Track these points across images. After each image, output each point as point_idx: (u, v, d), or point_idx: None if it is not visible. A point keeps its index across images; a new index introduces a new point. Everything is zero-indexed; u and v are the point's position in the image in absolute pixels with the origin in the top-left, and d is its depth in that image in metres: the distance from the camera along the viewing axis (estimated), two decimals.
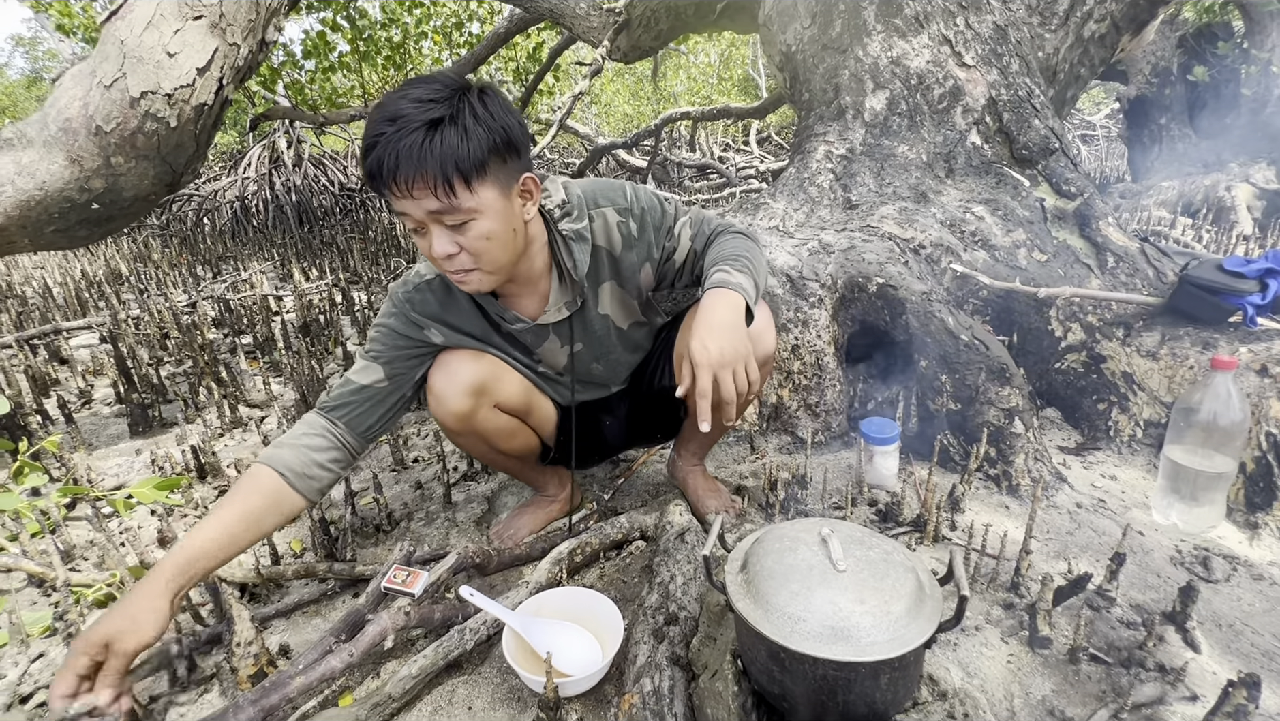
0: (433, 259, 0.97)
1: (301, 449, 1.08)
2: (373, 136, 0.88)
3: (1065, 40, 2.33)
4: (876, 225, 1.91)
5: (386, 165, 0.87)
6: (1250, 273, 1.54)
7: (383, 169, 0.87)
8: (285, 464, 1.06)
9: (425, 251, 0.97)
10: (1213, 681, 0.98)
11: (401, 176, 0.87)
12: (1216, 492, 1.32)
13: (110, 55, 1.66)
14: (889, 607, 0.78)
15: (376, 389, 1.15)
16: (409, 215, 0.93)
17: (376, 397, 1.15)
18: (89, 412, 2.34)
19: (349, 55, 5.31)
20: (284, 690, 0.98)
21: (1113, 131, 8.54)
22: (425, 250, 0.97)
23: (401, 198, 0.90)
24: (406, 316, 1.15)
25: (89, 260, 5.10)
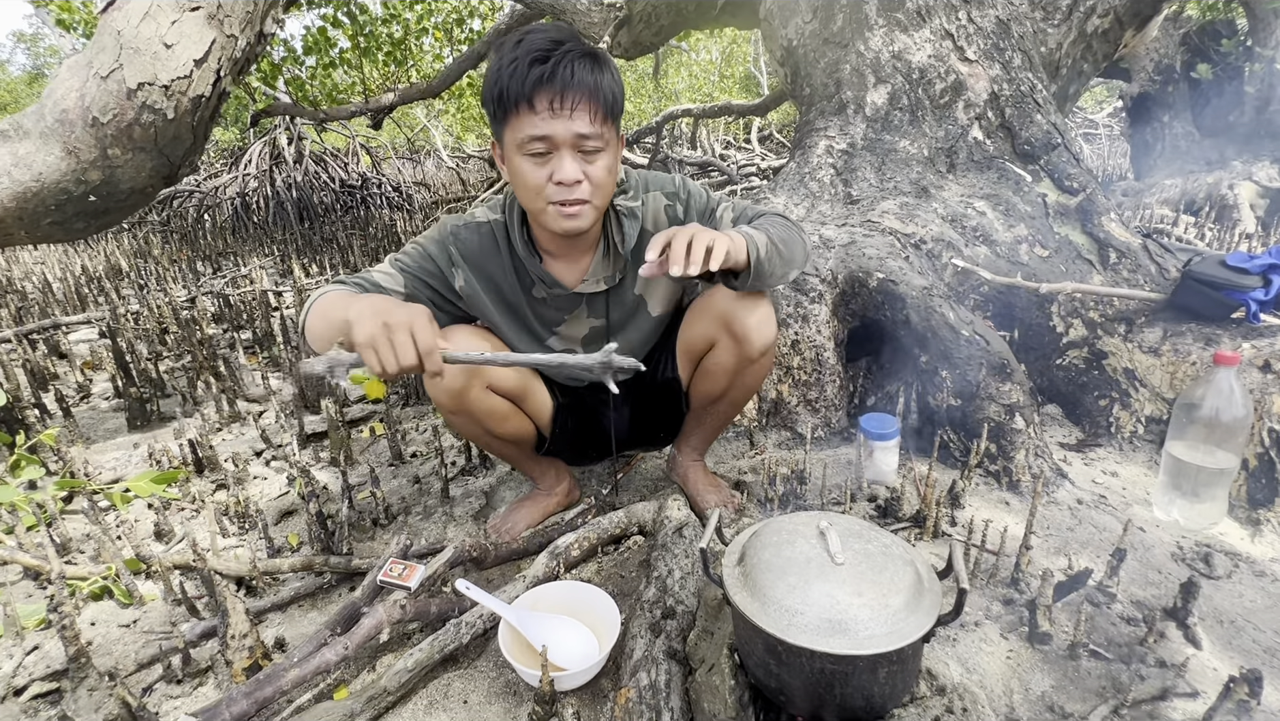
0: (556, 183, 0.99)
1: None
2: (541, 51, 0.93)
3: (1068, 35, 2.31)
4: (877, 220, 1.90)
5: (561, 77, 0.92)
6: (1254, 268, 1.53)
7: (556, 79, 0.92)
8: None
9: (535, 180, 0.99)
10: (1214, 677, 0.97)
11: (572, 93, 0.93)
12: (1218, 489, 1.31)
13: (107, 46, 1.65)
14: (887, 601, 0.77)
15: (392, 295, 1.11)
16: (551, 135, 0.96)
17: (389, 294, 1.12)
18: (87, 407, 2.34)
19: (350, 51, 5.29)
20: (278, 682, 0.98)
21: (1115, 129, 8.52)
22: (536, 179, 0.99)
23: (555, 115, 0.94)
24: (445, 246, 1.15)
25: (89, 255, 5.10)
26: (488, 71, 1.00)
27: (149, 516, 1.61)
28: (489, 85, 0.99)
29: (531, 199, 1.04)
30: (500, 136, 1.03)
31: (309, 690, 1.05)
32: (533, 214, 1.09)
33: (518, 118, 0.97)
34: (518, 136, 0.99)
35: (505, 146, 1.03)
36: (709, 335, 1.25)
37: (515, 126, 0.98)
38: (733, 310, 1.21)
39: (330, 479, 1.74)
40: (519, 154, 1.00)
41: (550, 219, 1.05)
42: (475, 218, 1.18)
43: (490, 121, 1.04)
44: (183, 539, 1.52)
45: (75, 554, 1.47)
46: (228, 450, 1.94)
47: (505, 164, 1.06)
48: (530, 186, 1.02)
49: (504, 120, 0.99)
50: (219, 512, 1.56)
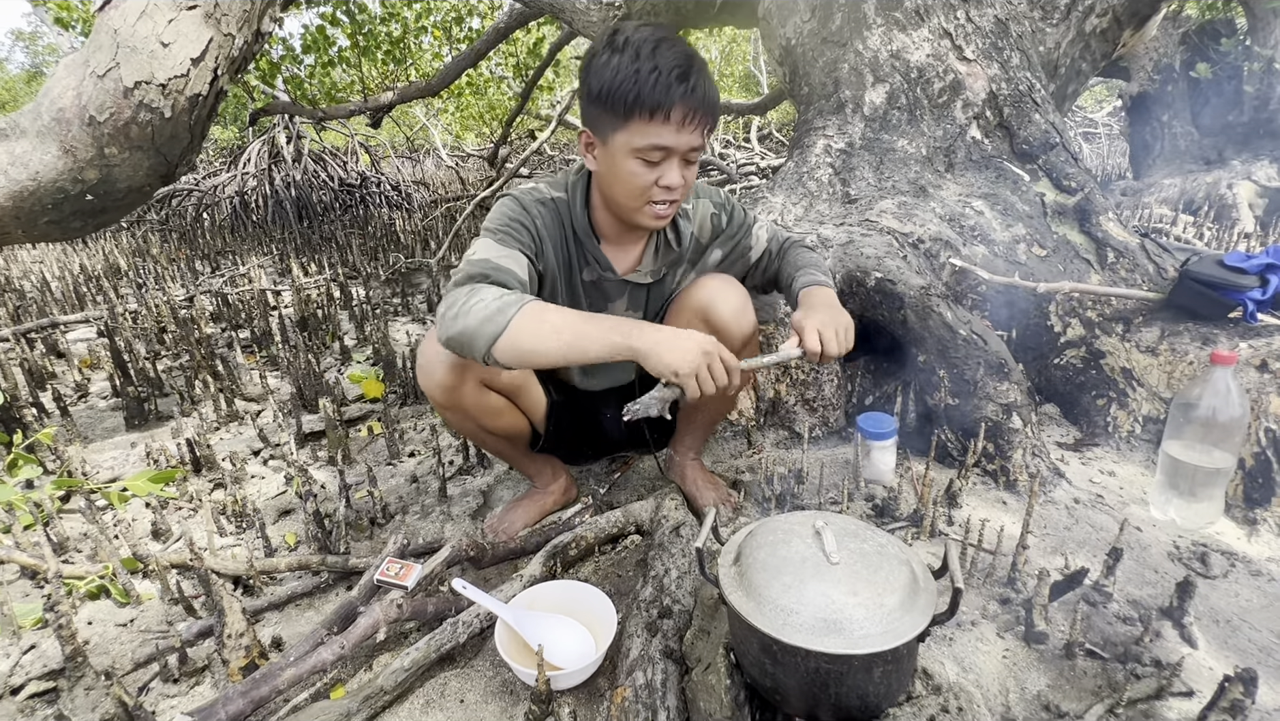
0: (663, 188, 1.04)
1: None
2: (682, 66, 0.96)
3: (1066, 35, 2.31)
4: (875, 219, 1.90)
5: (698, 95, 0.98)
6: (1251, 268, 1.53)
7: (694, 97, 0.98)
8: None
9: (640, 182, 1.03)
10: (1209, 677, 0.97)
11: (702, 111, 1.00)
12: (1215, 488, 1.31)
13: (104, 45, 1.65)
14: (882, 600, 0.77)
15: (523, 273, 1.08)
16: (670, 146, 1.00)
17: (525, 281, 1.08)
18: (85, 406, 2.34)
19: (348, 50, 5.28)
20: (274, 681, 0.98)
21: (1115, 129, 8.52)
22: (642, 181, 1.03)
23: (682, 129, 0.99)
24: (533, 219, 1.13)
25: (87, 254, 5.09)
26: (604, 68, 0.98)
27: (146, 515, 1.61)
28: (612, 84, 0.97)
29: (632, 197, 1.06)
30: (608, 132, 1.02)
31: (305, 689, 1.05)
32: (622, 207, 1.10)
33: (646, 125, 0.99)
34: (639, 142, 1.00)
35: (613, 144, 1.02)
36: (689, 328, 1.25)
37: (640, 132, 0.99)
38: (710, 301, 1.22)
39: (328, 478, 1.74)
40: (631, 156, 1.02)
41: (644, 216, 1.09)
42: (542, 192, 1.16)
43: (594, 112, 1.02)
44: (180, 538, 1.52)
45: (72, 553, 1.47)
46: (225, 449, 1.94)
47: (599, 156, 1.07)
48: (636, 187, 1.05)
49: (624, 122, 0.99)
50: (216, 512, 1.56)
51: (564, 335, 0.94)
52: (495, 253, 1.06)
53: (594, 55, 1.01)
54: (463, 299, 0.98)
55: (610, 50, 0.99)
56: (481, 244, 1.09)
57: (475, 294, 0.98)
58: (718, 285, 1.23)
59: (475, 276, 1.02)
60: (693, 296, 1.24)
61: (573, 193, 1.17)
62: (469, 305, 0.96)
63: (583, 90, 1.04)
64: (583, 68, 1.04)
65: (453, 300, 0.99)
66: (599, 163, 1.08)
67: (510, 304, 0.95)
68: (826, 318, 1.06)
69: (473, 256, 1.06)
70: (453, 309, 0.98)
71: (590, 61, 1.02)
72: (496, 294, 0.98)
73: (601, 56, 1.00)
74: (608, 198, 1.12)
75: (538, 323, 0.94)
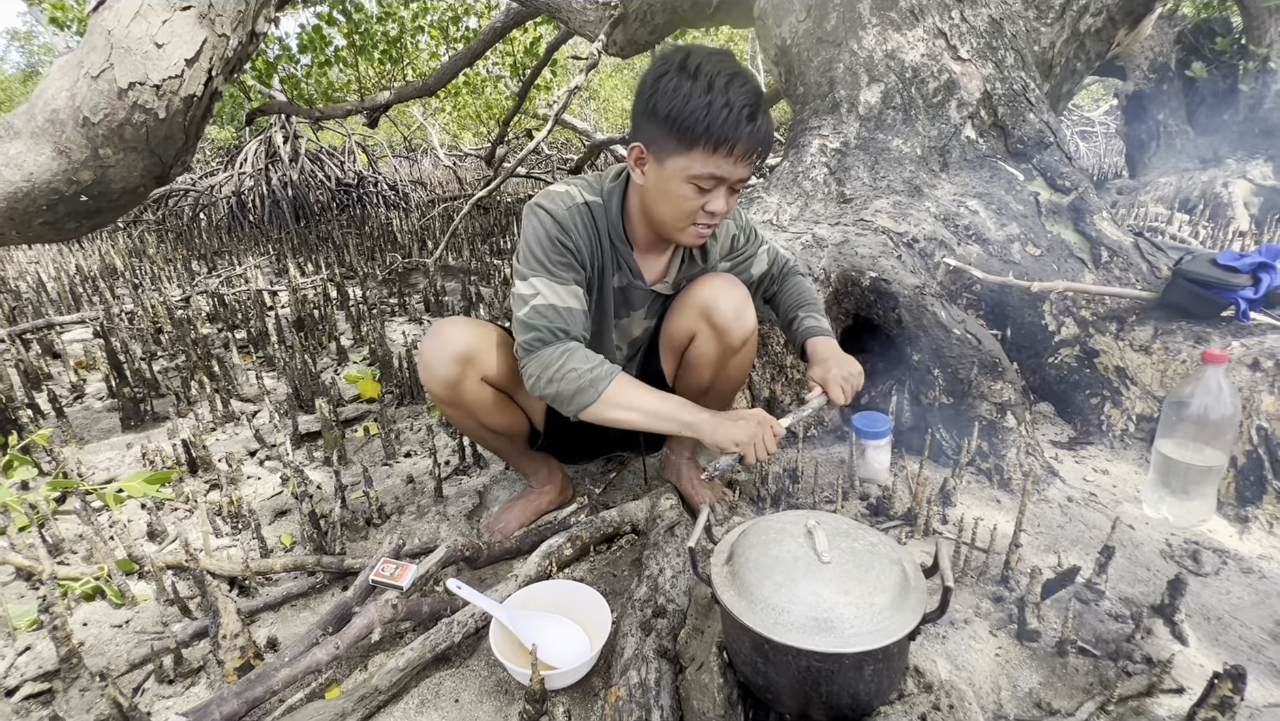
0: (709, 213, 1.08)
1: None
2: (751, 104, 0.99)
3: (1061, 34, 2.32)
4: (870, 219, 1.91)
5: (762, 134, 1.02)
6: (1243, 267, 1.54)
7: (758, 135, 1.01)
8: None
9: (690, 206, 1.07)
10: (1199, 674, 0.98)
11: (763, 148, 1.04)
12: (1207, 486, 1.32)
13: (97, 46, 1.65)
14: (873, 599, 0.77)
15: (582, 306, 1.14)
16: (725, 176, 1.03)
17: (585, 312, 1.16)
18: (80, 407, 2.33)
19: (345, 50, 5.28)
20: (269, 682, 0.98)
21: (1111, 128, 8.53)
22: (691, 205, 1.07)
23: (738, 161, 1.02)
24: (569, 232, 1.13)
25: (83, 255, 5.08)
26: (674, 92, 0.99)
27: (142, 517, 1.61)
28: (682, 111, 0.98)
29: (677, 218, 1.09)
30: (665, 154, 1.03)
31: (300, 689, 1.05)
32: (664, 225, 1.12)
33: (709, 156, 1.00)
34: (697, 170, 1.02)
35: (669, 166, 1.04)
36: (690, 327, 1.26)
37: (700, 161, 1.01)
38: (712, 300, 1.23)
39: (324, 478, 1.74)
40: (685, 181, 1.04)
41: (685, 236, 1.13)
42: (575, 198, 1.15)
43: (654, 131, 1.03)
44: (175, 539, 1.52)
45: (67, 554, 1.47)
46: (221, 450, 1.94)
47: (649, 172, 1.07)
48: (684, 210, 1.07)
49: (687, 150, 1.01)
50: (212, 512, 1.56)
51: (643, 414, 1.10)
52: (557, 296, 1.10)
53: (662, 75, 1.01)
54: (556, 362, 1.08)
55: (682, 74, 0.99)
56: (541, 284, 1.10)
57: (569, 359, 1.08)
58: (720, 285, 1.24)
59: (554, 330, 1.09)
60: (695, 294, 1.25)
61: (609, 198, 1.17)
62: (563, 371, 1.08)
63: (644, 106, 1.03)
64: (647, 84, 1.03)
65: (546, 362, 1.08)
66: (648, 178, 1.08)
67: (601, 378, 1.08)
68: (840, 371, 1.19)
69: (537, 302, 1.09)
70: (548, 371, 1.08)
71: (659, 81, 1.01)
72: (587, 364, 1.08)
73: (672, 79, 0.99)
74: (650, 212, 1.13)
75: (623, 399, 1.09)
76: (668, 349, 1.35)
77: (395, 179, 7.73)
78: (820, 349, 1.25)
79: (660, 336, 1.35)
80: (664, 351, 1.35)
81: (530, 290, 1.10)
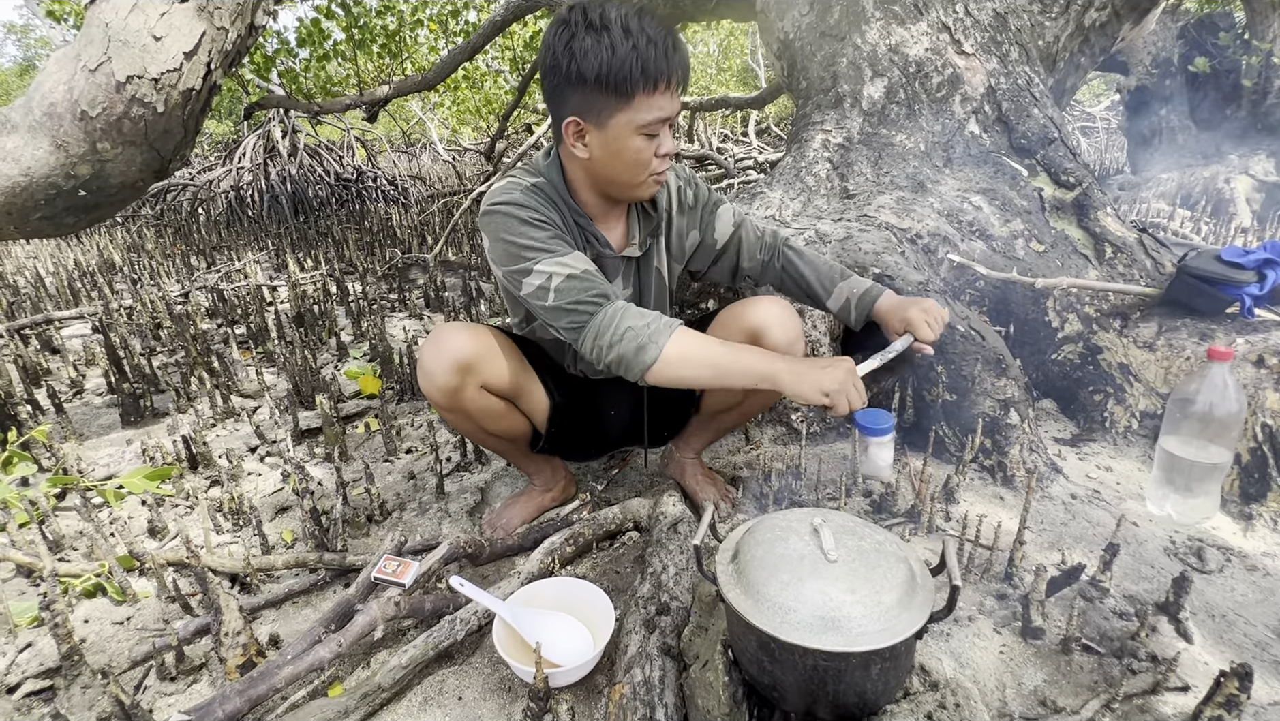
0: (661, 156, 1.06)
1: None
2: (666, 36, 0.97)
3: (1066, 28, 2.30)
4: (873, 214, 1.90)
5: (685, 59, 1.00)
6: (1248, 263, 1.53)
7: (684, 63, 1.00)
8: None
9: (644, 156, 1.04)
10: (1205, 672, 0.97)
11: (687, 75, 1.02)
12: (1211, 484, 1.31)
13: (95, 39, 1.63)
14: (880, 598, 0.77)
15: (593, 265, 1.10)
16: (665, 114, 1.01)
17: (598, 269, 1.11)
18: (80, 402, 2.32)
19: (344, 44, 5.24)
20: (271, 680, 0.98)
21: (1113, 123, 8.51)
22: (645, 155, 1.04)
23: (674, 94, 1.01)
24: (540, 209, 1.08)
25: (82, 250, 5.06)
26: (594, 50, 0.95)
27: (142, 513, 1.61)
28: (611, 65, 0.95)
29: (636, 172, 1.07)
30: (606, 115, 1.00)
31: (303, 687, 1.05)
32: (623, 185, 1.09)
33: (648, 99, 0.99)
34: (644, 118, 1.00)
35: (613, 125, 1.01)
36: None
37: (643, 108, 0.99)
38: (765, 324, 1.21)
39: (325, 475, 1.74)
40: (636, 134, 1.01)
41: (646, 188, 1.10)
42: (522, 182, 1.11)
43: (587, 97, 0.99)
44: (176, 536, 1.52)
45: (68, 551, 1.46)
46: (222, 446, 1.93)
47: (593, 141, 1.04)
48: (641, 162, 1.05)
49: (628, 101, 0.98)
50: (213, 509, 1.56)
51: (714, 369, 1.02)
52: (571, 266, 1.05)
53: (571, 39, 0.96)
54: (611, 325, 1.03)
55: (593, 31, 0.96)
56: (548, 266, 1.05)
57: (623, 317, 1.03)
58: (777, 311, 1.22)
59: (591, 298, 1.05)
60: (747, 315, 1.23)
61: (550, 177, 1.14)
62: (620, 332, 1.02)
63: (564, 76, 0.99)
64: (558, 52, 0.98)
65: (600, 329, 1.03)
66: (591, 147, 1.05)
67: (660, 331, 1.02)
68: (920, 309, 1.16)
69: (557, 283, 1.04)
70: (604, 336, 1.03)
71: (571, 45, 0.96)
72: (642, 320, 1.03)
73: (584, 39, 0.95)
74: (602, 178, 1.10)
75: (689, 354, 1.03)
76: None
77: (395, 174, 7.70)
78: (890, 299, 1.22)
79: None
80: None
81: (542, 278, 1.05)
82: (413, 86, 4.69)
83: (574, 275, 1.05)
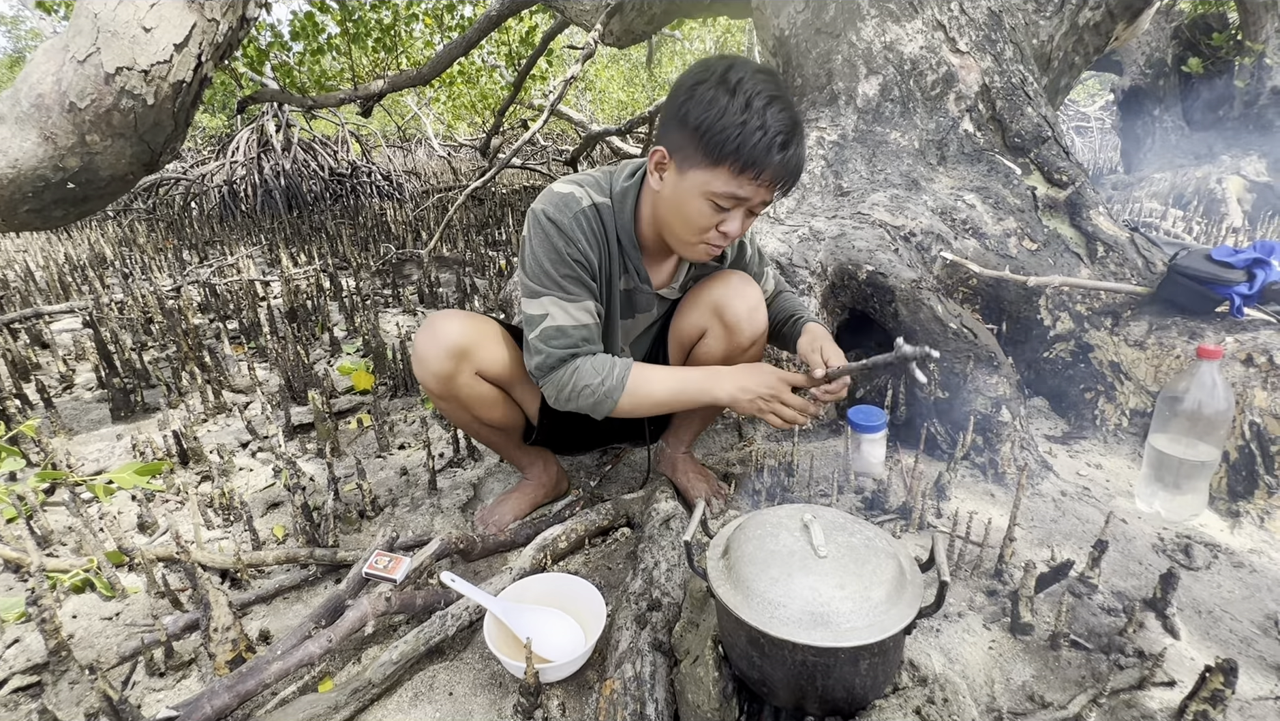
0: (719, 232, 1.05)
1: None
2: (786, 131, 0.96)
3: (1060, 27, 2.31)
4: (867, 212, 1.90)
5: (793, 164, 0.99)
6: (1238, 263, 1.54)
7: (790, 166, 0.99)
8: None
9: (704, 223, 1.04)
10: (1191, 667, 0.98)
11: (791, 178, 1.01)
12: (1200, 481, 1.32)
13: (84, 30, 1.61)
14: (869, 593, 0.77)
15: (595, 320, 1.13)
16: (748, 199, 1.00)
17: (597, 325, 1.15)
18: (70, 397, 2.31)
19: (338, 37, 5.21)
20: (261, 675, 0.97)
21: (1107, 123, 8.54)
22: (705, 222, 1.04)
23: (763, 186, 0.99)
24: (576, 243, 1.09)
25: (72, 244, 5.02)
26: (709, 104, 0.95)
27: (132, 508, 1.60)
28: (714, 126, 0.95)
29: (688, 232, 1.06)
30: (689, 165, 1.00)
31: (293, 682, 1.05)
32: (674, 237, 1.09)
33: (733, 176, 0.97)
34: (718, 188, 0.99)
35: (690, 178, 1.00)
36: (700, 323, 1.26)
37: (724, 180, 0.98)
38: (725, 298, 1.22)
39: (317, 470, 1.73)
40: (703, 196, 1.00)
41: (693, 251, 1.10)
42: (581, 201, 1.10)
43: (681, 140, 0.99)
44: (166, 531, 1.51)
45: (56, 546, 1.45)
46: (213, 441, 1.92)
47: (668, 179, 1.04)
48: (697, 226, 1.04)
49: (712, 166, 0.97)
50: (203, 504, 1.55)
51: (666, 401, 1.13)
52: (567, 316, 1.09)
53: (700, 83, 0.97)
54: (569, 384, 1.10)
55: (721, 87, 0.95)
56: (551, 304, 1.08)
57: (578, 376, 1.10)
58: (736, 282, 1.23)
59: (561, 353, 1.09)
60: (708, 291, 1.24)
61: (620, 201, 1.13)
62: (576, 390, 1.10)
63: (675, 111, 0.99)
64: (682, 89, 0.99)
65: (559, 385, 1.11)
66: (666, 185, 1.05)
67: (614, 388, 1.10)
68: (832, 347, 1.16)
69: (545, 325, 1.09)
70: (563, 392, 1.11)
71: (695, 89, 0.97)
72: (596, 376, 1.09)
73: (709, 90, 0.96)
74: (661, 220, 1.10)
75: (640, 396, 1.11)
76: (676, 344, 1.34)
77: (389, 169, 7.66)
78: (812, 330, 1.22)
79: (669, 330, 1.34)
80: (672, 346, 1.34)
81: (540, 310, 1.09)
82: (408, 81, 4.67)
83: (561, 327, 1.09)
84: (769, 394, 1.09)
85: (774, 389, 1.09)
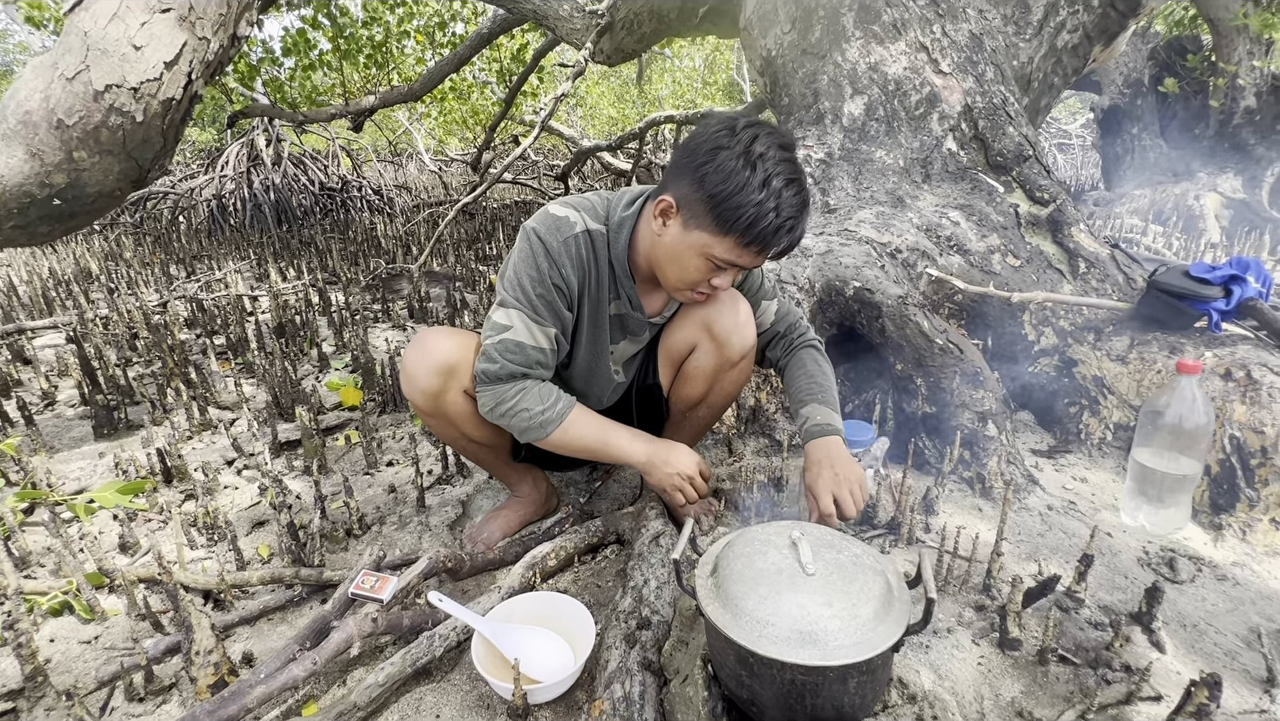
0: (711, 285, 1.09)
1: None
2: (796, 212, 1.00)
3: (1039, 50, 2.37)
4: (854, 229, 1.93)
5: (794, 240, 1.03)
6: (1215, 279, 1.57)
7: (791, 242, 1.03)
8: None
9: (697, 278, 1.08)
10: (1177, 681, 0.99)
11: (788, 250, 1.04)
12: (1182, 494, 1.34)
13: (73, 47, 1.61)
14: (857, 611, 0.77)
15: (554, 346, 1.15)
16: (741, 263, 1.04)
17: (555, 352, 1.16)
18: (52, 414, 2.27)
19: (330, 54, 5.24)
20: (244, 699, 0.96)
21: (1088, 140, 8.72)
22: (698, 278, 1.07)
23: (759, 256, 1.03)
24: (560, 267, 1.10)
25: (57, 258, 4.97)
26: (728, 175, 0.96)
27: (114, 528, 1.57)
28: (729, 199, 0.96)
29: (680, 282, 1.10)
30: (694, 225, 1.01)
31: (276, 706, 1.03)
32: (666, 280, 1.12)
33: (736, 246, 1.00)
34: (719, 253, 1.02)
35: (692, 236, 1.02)
36: (690, 339, 1.27)
37: (726, 248, 1.01)
38: (714, 313, 1.23)
39: (303, 488, 1.71)
40: (702, 256, 1.03)
41: (681, 295, 1.15)
42: (575, 226, 1.11)
43: (694, 199, 1.00)
44: (148, 551, 1.48)
45: (35, 567, 1.42)
46: (198, 459, 1.90)
47: (670, 228, 1.05)
48: (690, 279, 1.08)
49: (719, 234, 1.00)
50: (187, 524, 1.53)
51: (590, 447, 1.17)
52: (529, 336, 1.11)
53: (721, 149, 0.97)
54: (510, 400, 1.12)
55: (742, 159, 0.96)
56: (517, 318, 1.10)
57: (523, 398, 1.12)
58: (725, 298, 1.24)
59: (515, 369, 1.11)
60: (698, 307, 1.25)
61: (618, 229, 1.13)
62: (515, 409, 1.12)
63: (691, 170, 1.00)
64: (702, 150, 0.99)
65: (500, 397, 1.12)
66: (668, 234, 1.06)
67: (550, 421, 1.13)
68: (836, 475, 1.12)
69: (506, 336, 1.10)
70: (500, 405, 1.13)
71: (716, 155, 0.97)
72: (540, 405, 1.12)
73: (730, 159, 0.96)
74: (656, 263, 1.11)
75: (570, 435, 1.15)
76: (666, 359, 1.35)
77: (380, 184, 7.67)
78: (818, 450, 1.16)
79: (659, 346, 1.34)
80: (662, 361, 1.35)
81: (505, 321, 1.10)
82: (399, 97, 4.69)
83: (522, 344, 1.10)
84: (685, 474, 1.16)
85: (688, 472, 1.16)
